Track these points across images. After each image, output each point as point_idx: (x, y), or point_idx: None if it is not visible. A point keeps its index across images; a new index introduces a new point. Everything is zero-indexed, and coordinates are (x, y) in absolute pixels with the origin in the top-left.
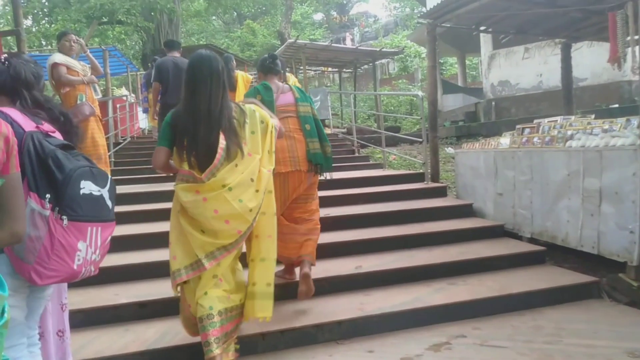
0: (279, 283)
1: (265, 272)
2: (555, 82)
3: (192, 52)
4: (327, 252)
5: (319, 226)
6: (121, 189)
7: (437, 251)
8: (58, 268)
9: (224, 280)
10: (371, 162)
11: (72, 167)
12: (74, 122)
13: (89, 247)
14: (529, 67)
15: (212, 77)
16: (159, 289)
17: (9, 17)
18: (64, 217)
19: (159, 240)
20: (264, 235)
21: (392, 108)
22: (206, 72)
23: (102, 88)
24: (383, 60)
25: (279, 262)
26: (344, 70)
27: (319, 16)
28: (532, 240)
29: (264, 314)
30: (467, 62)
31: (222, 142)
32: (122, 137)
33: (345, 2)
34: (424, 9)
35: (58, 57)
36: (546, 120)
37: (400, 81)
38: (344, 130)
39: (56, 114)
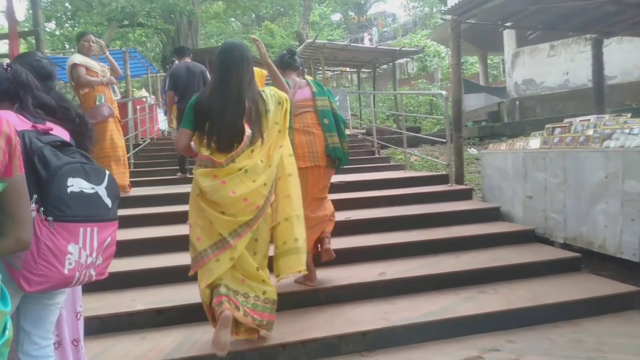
0: (300, 290)
1: (289, 230)
2: (582, 80)
3: (212, 54)
4: (349, 257)
5: (333, 212)
6: (140, 191)
7: (464, 257)
8: (46, 273)
9: (238, 266)
10: (392, 163)
11: (58, 164)
12: (90, 123)
13: (82, 250)
14: (554, 65)
15: (244, 62)
16: (177, 295)
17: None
18: (50, 217)
19: (178, 244)
20: (282, 196)
21: (412, 108)
22: (237, 57)
23: (122, 90)
24: (402, 60)
25: None
26: (363, 70)
27: (336, 17)
28: (565, 246)
29: (293, 270)
30: (488, 61)
31: (247, 130)
32: (142, 138)
33: (363, 2)
34: (444, 8)
35: (77, 58)
36: (578, 119)
37: (419, 81)
38: (363, 130)
39: (72, 115)
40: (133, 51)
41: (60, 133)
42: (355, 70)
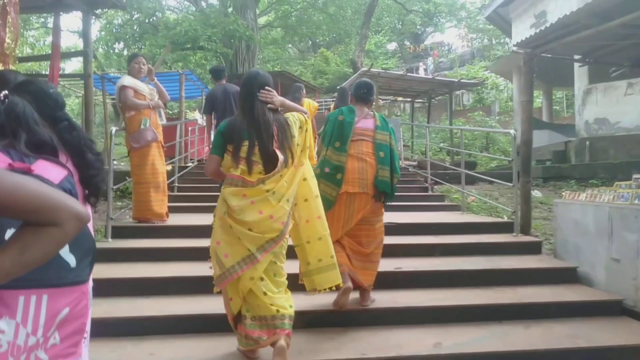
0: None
1: (325, 248)
2: None
3: None
4: (396, 318)
5: (381, 250)
6: (179, 219)
7: (536, 330)
8: None
9: (266, 278)
10: (446, 202)
11: None
12: (100, 170)
13: (20, 327)
14: (632, 104)
15: (268, 87)
16: (200, 350)
17: (104, 41)
18: None
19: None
20: (313, 217)
21: (467, 141)
22: (261, 85)
23: (175, 111)
24: (457, 92)
25: None
26: (417, 100)
27: (392, 46)
28: None
29: (335, 283)
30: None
31: (280, 155)
32: (191, 159)
33: (420, 32)
34: (506, 39)
35: (127, 80)
36: None
37: (476, 113)
38: (415, 163)
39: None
40: (189, 73)
41: (54, 174)
42: (409, 100)
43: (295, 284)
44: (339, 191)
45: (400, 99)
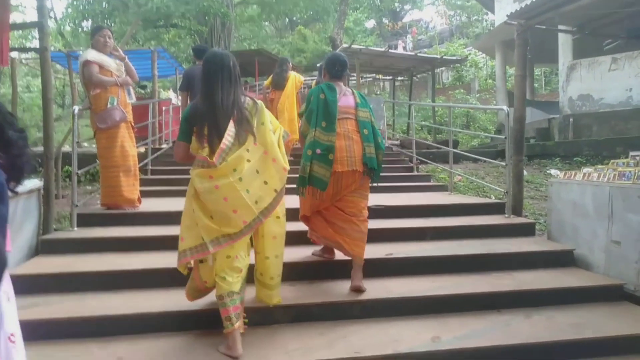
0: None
1: (278, 267)
2: None
3: (244, 57)
4: (393, 309)
5: (367, 224)
6: (152, 205)
7: (538, 319)
8: None
9: (239, 257)
10: (433, 182)
11: None
12: (24, 149)
13: None
14: (616, 80)
15: (224, 71)
16: (176, 351)
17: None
18: None
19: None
20: (269, 235)
21: (447, 119)
22: (218, 67)
23: (148, 90)
24: (438, 69)
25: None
26: (398, 78)
27: (370, 23)
28: None
29: (278, 301)
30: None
31: (231, 128)
32: (165, 140)
33: (398, 9)
34: (485, 17)
35: (91, 55)
36: None
37: (457, 91)
38: (397, 142)
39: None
40: (162, 51)
41: None
42: (390, 77)
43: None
44: (331, 171)
45: (381, 76)
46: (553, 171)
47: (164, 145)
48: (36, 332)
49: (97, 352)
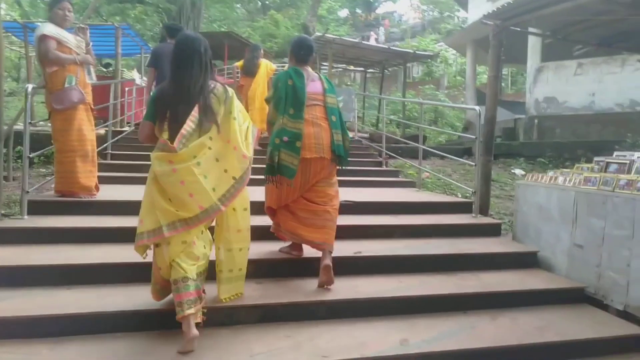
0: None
1: (242, 259)
2: (609, 103)
3: (213, 39)
4: (361, 310)
5: (337, 211)
6: (110, 193)
7: (503, 321)
8: None
9: (196, 244)
10: (401, 178)
11: None
12: None
13: None
14: (580, 85)
15: (194, 56)
16: (134, 353)
17: None
18: None
19: (146, 273)
20: (234, 229)
21: (416, 114)
22: (189, 51)
23: (110, 69)
24: (409, 64)
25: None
26: (369, 70)
27: (344, 13)
28: (624, 315)
29: (227, 295)
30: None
31: (194, 113)
32: (127, 123)
33: (372, 0)
34: (457, 13)
35: (48, 29)
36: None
37: (427, 87)
38: (366, 135)
39: None
40: (127, 28)
41: None
42: (362, 69)
43: (247, 271)
44: (299, 159)
45: (352, 67)
46: (517, 171)
47: (126, 128)
48: None
49: (46, 354)
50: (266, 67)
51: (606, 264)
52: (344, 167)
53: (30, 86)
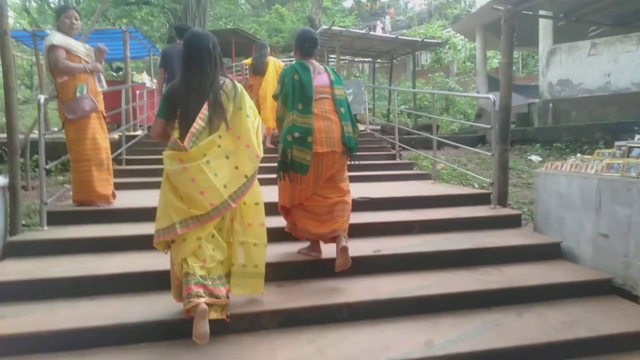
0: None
1: (243, 254)
2: (625, 83)
3: (220, 36)
4: (383, 311)
5: (350, 203)
6: (127, 199)
7: (529, 317)
8: None
9: (203, 246)
10: (415, 170)
11: None
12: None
13: None
14: (595, 65)
15: (203, 52)
16: None
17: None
18: None
19: (166, 281)
20: (244, 223)
21: (427, 103)
22: (197, 48)
23: (121, 73)
24: (417, 52)
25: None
26: (377, 60)
27: (348, 3)
28: None
29: (239, 290)
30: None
31: (203, 111)
32: (140, 126)
33: None
34: None
35: (56, 38)
36: None
37: (436, 74)
38: (378, 127)
39: None
40: (134, 31)
41: None
42: (370, 60)
43: (267, 274)
44: (312, 154)
45: (358, 59)
46: (534, 157)
47: (139, 132)
48: (4, 348)
49: None
50: (274, 64)
51: (634, 253)
52: (355, 162)
53: (42, 97)
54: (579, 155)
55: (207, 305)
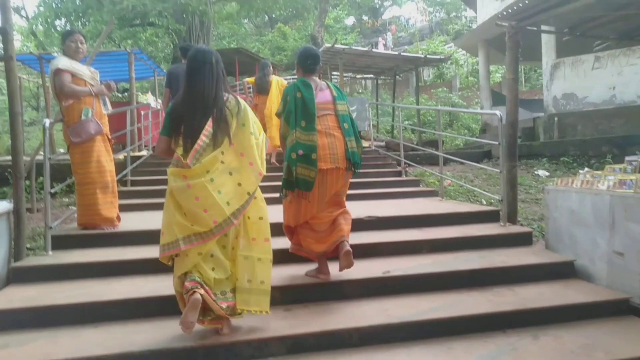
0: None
1: (247, 269)
2: (631, 96)
3: (224, 55)
4: (395, 336)
5: (349, 212)
6: (132, 221)
7: (546, 340)
8: None
9: (202, 262)
10: (422, 187)
11: None
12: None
13: None
14: (599, 79)
15: (206, 67)
16: None
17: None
18: None
19: (173, 306)
20: (248, 237)
21: (431, 118)
22: (200, 61)
23: (126, 93)
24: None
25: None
26: (380, 77)
27: (350, 20)
28: None
29: (244, 306)
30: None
31: (207, 128)
32: (145, 146)
33: (378, 6)
34: (466, 12)
35: (62, 62)
36: None
37: (439, 89)
38: (382, 144)
39: None
40: (139, 52)
41: None
42: (372, 76)
43: (274, 297)
44: (316, 171)
45: (359, 76)
46: (541, 172)
47: (144, 152)
48: None
49: None
50: (277, 83)
51: None
52: (357, 172)
53: (47, 121)
54: (586, 169)
55: (203, 306)
